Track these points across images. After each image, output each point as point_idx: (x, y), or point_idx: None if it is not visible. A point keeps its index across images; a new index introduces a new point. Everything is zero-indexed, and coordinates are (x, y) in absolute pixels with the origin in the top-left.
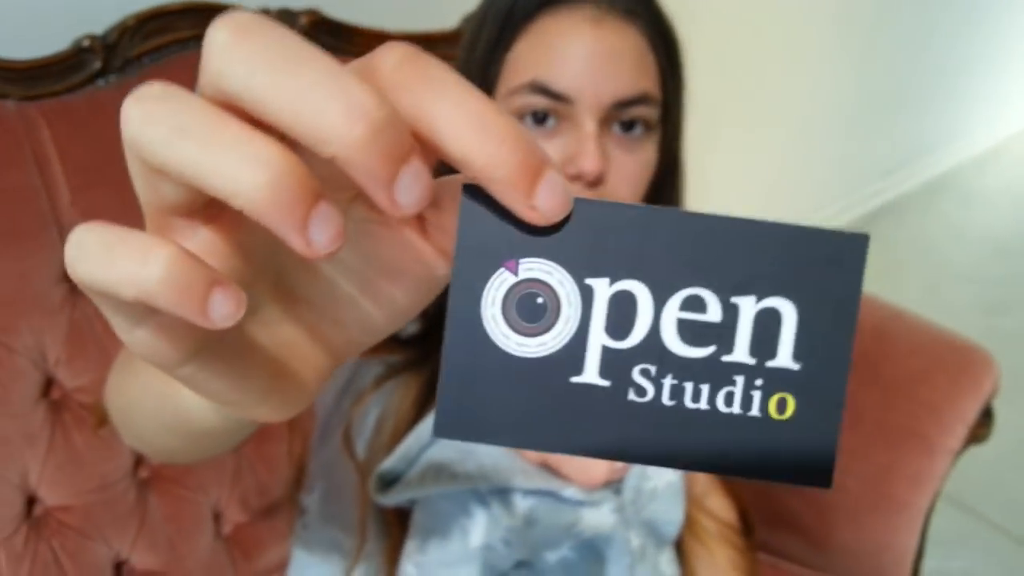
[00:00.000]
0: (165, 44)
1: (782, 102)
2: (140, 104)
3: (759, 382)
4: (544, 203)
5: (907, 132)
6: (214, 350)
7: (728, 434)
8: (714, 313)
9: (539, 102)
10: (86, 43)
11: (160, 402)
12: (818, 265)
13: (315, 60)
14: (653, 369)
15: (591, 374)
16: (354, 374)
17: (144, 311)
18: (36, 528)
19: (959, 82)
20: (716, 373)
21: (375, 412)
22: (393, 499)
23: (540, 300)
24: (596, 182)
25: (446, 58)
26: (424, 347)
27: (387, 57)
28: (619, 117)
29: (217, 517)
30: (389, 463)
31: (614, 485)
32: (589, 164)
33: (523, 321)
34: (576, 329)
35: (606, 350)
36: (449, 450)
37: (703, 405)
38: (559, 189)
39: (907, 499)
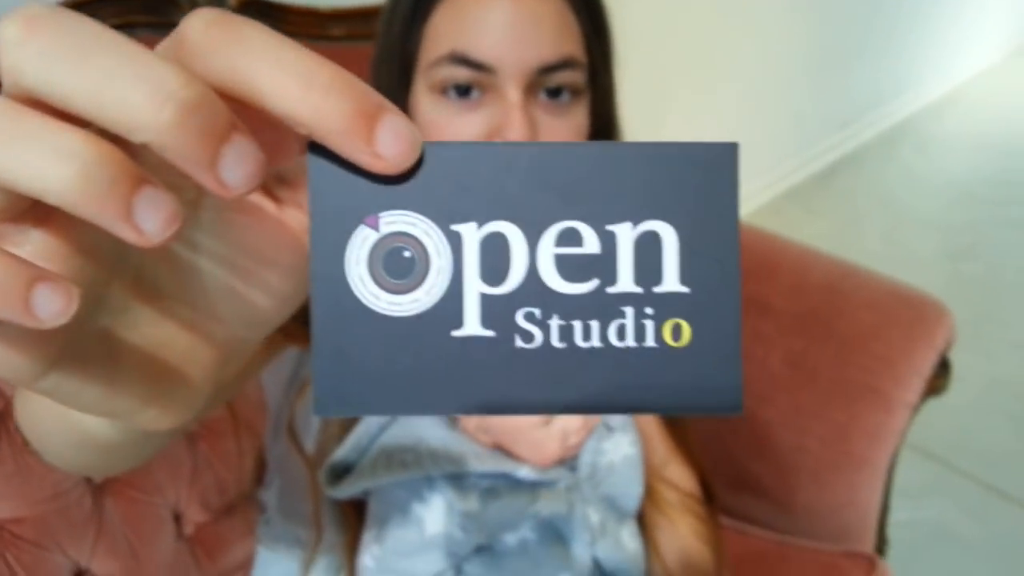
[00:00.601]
0: None
1: (733, 60)
2: None
3: (649, 310)
4: (388, 149)
5: (861, 83)
6: (77, 359)
7: (627, 369)
8: (591, 245)
9: (460, 73)
10: None
11: (59, 421)
12: (689, 181)
13: (113, 45)
14: (537, 311)
15: (472, 325)
16: (299, 365)
17: None
18: None
19: (911, 31)
20: (604, 307)
21: None
22: (346, 491)
23: (407, 254)
24: None
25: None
26: None
27: (193, 24)
28: (544, 84)
29: (178, 518)
30: (339, 454)
31: (569, 462)
32: (514, 134)
33: (392, 278)
34: (450, 280)
35: (485, 298)
36: (400, 437)
37: (596, 342)
38: (403, 132)
39: (867, 455)
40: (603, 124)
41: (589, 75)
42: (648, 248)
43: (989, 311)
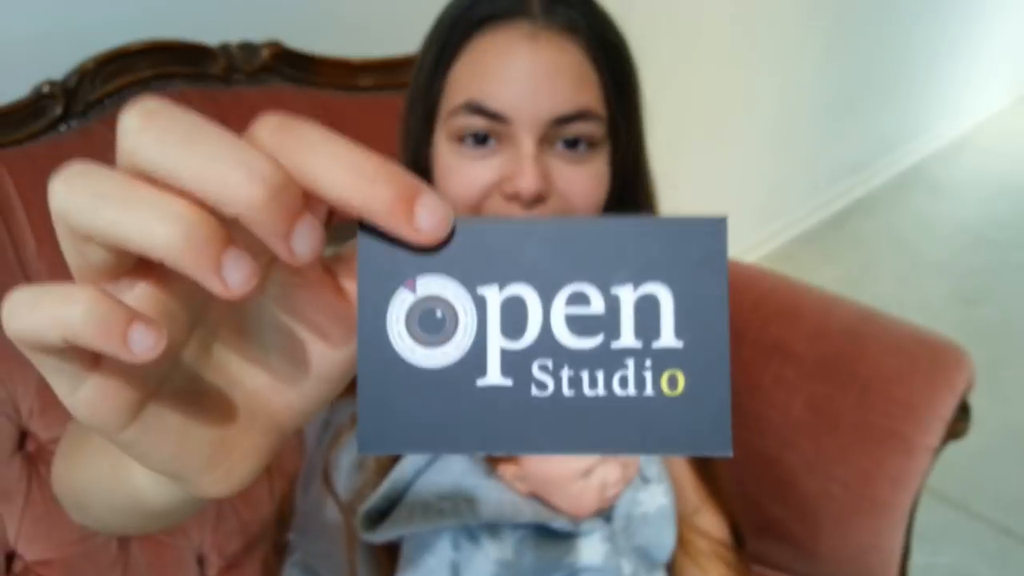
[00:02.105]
0: (126, 85)
1: (746, 105)
2: (64, 180)
3: (648, 363)
4: (424, 224)
5: (871, 129)
6: (157, 414)
7: (628, 415)
8: (597, 305)
9: (476, 122)
10: (46, 89)
11: (112, 484)
12: (684, 250)
13: (215, 135)
14: (550, 363)
15: (494, 375)
16: (331, 413)
17: (80, 367)
18: None
19: (920, 76)
20: (608, 359)
21: (354, 450)
22: (382, 536)
23: (439, 313)
24: (536, 200)
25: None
26: None
27: (262, 129)
28: (560, 134)
29: (201, 561)
30: (374, 501)
31: (604, 513)
32: (525, 183)
33: (426, 334)
34: (475, 336)
35: (505, 352)
36: (437, 484)
37: (600, 391)
38: (437, 210)
39: (890, 500)
40: (628, 173)
41: (608, 127)
42: (648, 308)
43: (1004, 355)
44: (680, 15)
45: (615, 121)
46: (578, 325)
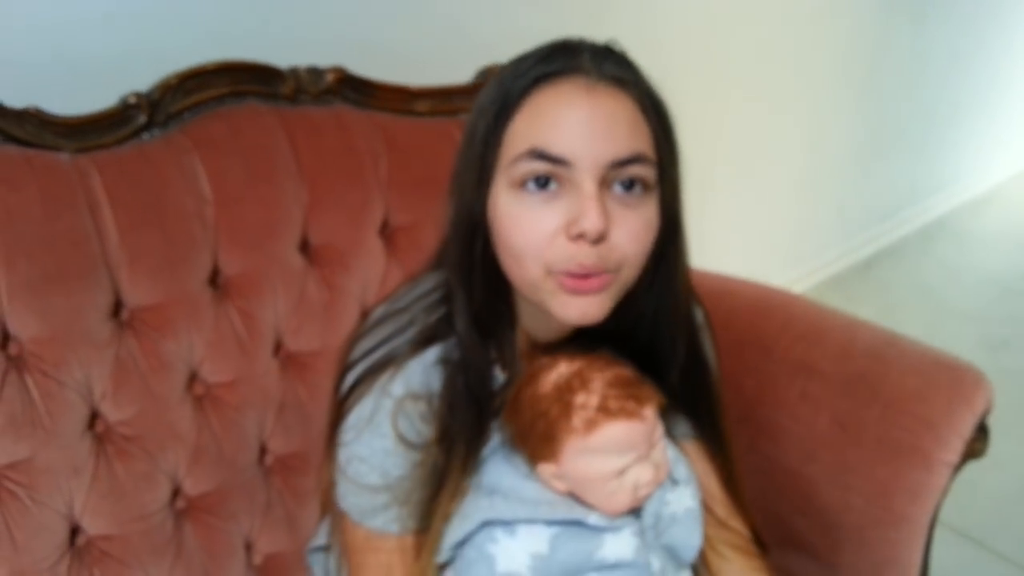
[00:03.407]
0: (203, 100)
1: (775, 150)
2: None
3: None
4: None
5: (902, 178)
6: None
7: None
8: None
9: (540, 167)
10: (132, 100)
11: None
12: None
13: None
14: None
15: None
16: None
17: None
18: (79, 557)
19: (950, 129)
20: None
21: (386, 435)
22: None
23: None
24: (599, 239)
25: (464, 109)
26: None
27: None
28: (618, 177)
29: (248, 547)
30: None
31: (635, 512)
32: (590, 223)
33: None
34: None
35: None
36: (479, 484)
37: None
38: None
39: (908, 513)
40: (670, 221)
41: (659, 172)
42: None
43: None
44: (712, 60)
45: (663, 166)
46: None
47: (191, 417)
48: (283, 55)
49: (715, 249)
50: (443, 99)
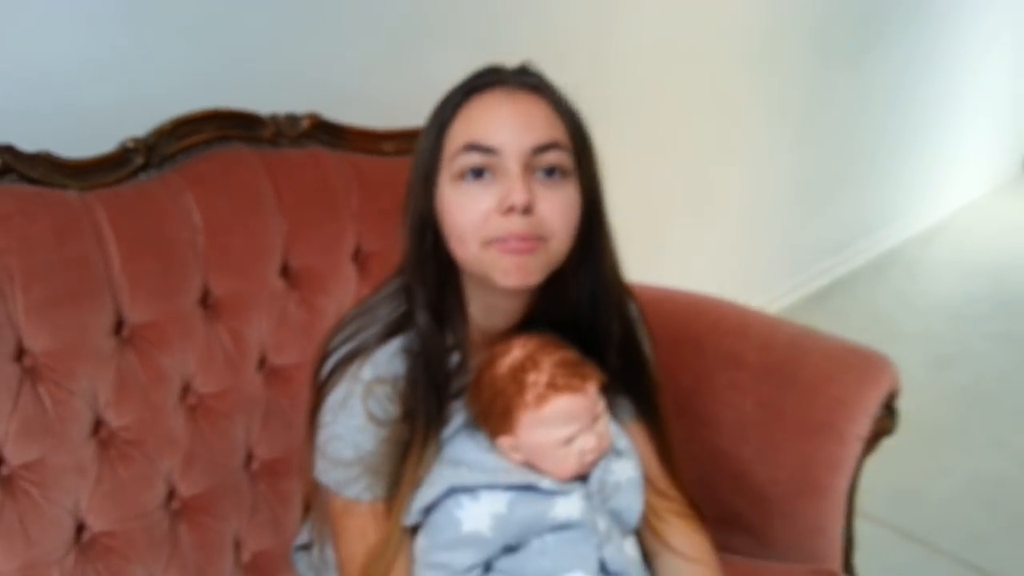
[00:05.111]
0: (194, 144)
1: (726, 189)
2: None
3: None
4: None
5: (850, 213)
6: None
7: None
8: None
9: (474, 158)
10: (131, 144)
11: None
12: None
13: None
14: None
15: None
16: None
17: None
18: (84, 552)
19: (896, 166)
20: None
21: (358, 415)
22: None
23: None
24: (526, 211)
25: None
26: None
27: None
28: (539, 164)
29: (238, 545)
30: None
31: (583, 477)
32: (517, 196)
33: None
34: None
35: None
36: (446, 457)
37: None
38: None
39: (828, 483)
40: (591, 205)
41: (575, 159)
42: None
43: (971, 413)
44: (656, 106)
45: (578, 157)
46: None
47: (185, 424)
48: (264, 102)
49: (671, 283)
50: (407, 140)
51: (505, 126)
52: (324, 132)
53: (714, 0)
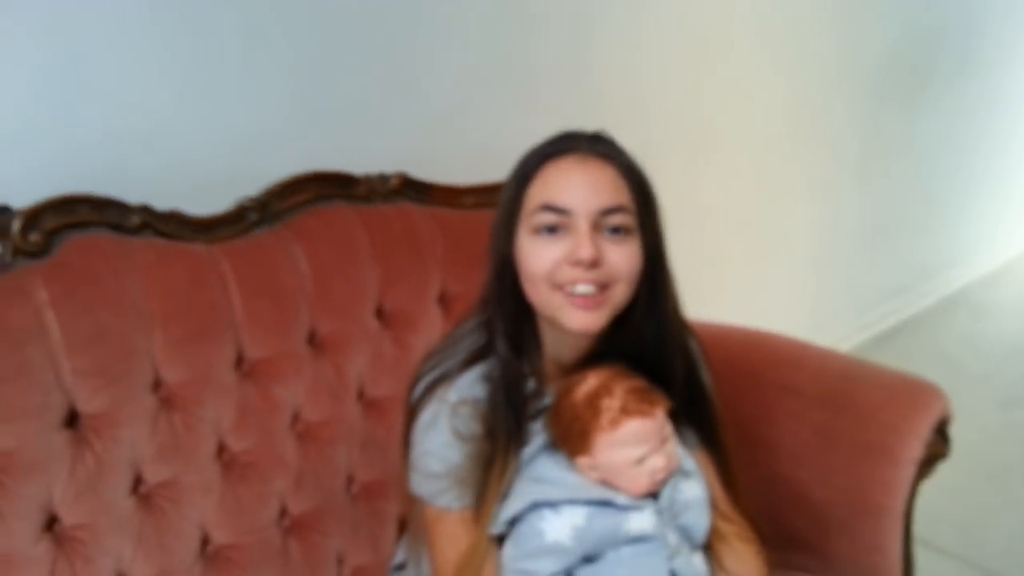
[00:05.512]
0: (300, 202)
1: (785, 230)
2: None
3: None
4: None
5: (915, 254)
6: None
7: None
8: None
9: (549, 217)
10: (247, 203)
11: None
12: None
13: None
14: None
15: None
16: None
17: None
18: (209, 562)
19: (955, 211)
20: None
21: (443, 432)
22: (502, 521)
23: None
24: (593, 264)
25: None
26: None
27: None
28: (606, 223)
29: (340, 560)
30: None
31: (654, 495)
32: (583, 252)
33: None
34: None
35: None
36: (530, 476)
37: None
38: None
39: (884, 503)
40: (655, 255)
41: (638, 220)
42: None
43: None
44: (724, 151)
45: (642, 219)
46: None
47: (295, 449)
48: (357, 162)
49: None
50: (485, 194)
51: (577, 190)
52: (411, 189)
53: (779, 44)
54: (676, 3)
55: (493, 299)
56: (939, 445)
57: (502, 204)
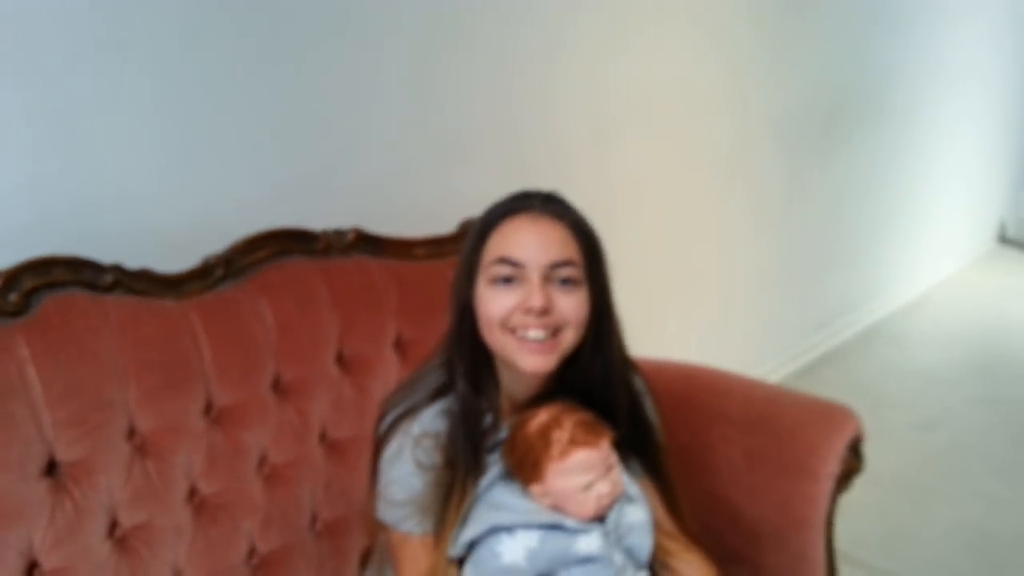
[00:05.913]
0: (263, 258)
1: (716, 274)
2: None
3: None
4: None
5: (835, 290)
6: None
7: None
8: None
9: (504, 269)
10: (212, 260)
11: None
12: None
13: None
14: None
15: None
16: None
17: None
18: None
19: (874, 247)
20: None
21: (406, 463)
22: (460, 545)
23: None
24: (543, 312)
25: (451, 252)
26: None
27: None
28: (555, 275)
29: None
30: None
31: (601, 518)
32: (535, 301)
33: None
34: None
35: None
36: (488, 502)
37: None
38: None
39: (808, 516)
40: (602, 305)
41: (585, 274)
42: None
43: (953, 470)
44: (658, 205)
45: (589, 271)
46: None
47: (262, 491)
48: (316, 221)
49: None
50: (435, 246)
51: (530, 245)
52: (366, 243)
53: (688, 113)
54: (584, 63)
55: (454, 341)
56: (853, 461)
57: (463, 256)
